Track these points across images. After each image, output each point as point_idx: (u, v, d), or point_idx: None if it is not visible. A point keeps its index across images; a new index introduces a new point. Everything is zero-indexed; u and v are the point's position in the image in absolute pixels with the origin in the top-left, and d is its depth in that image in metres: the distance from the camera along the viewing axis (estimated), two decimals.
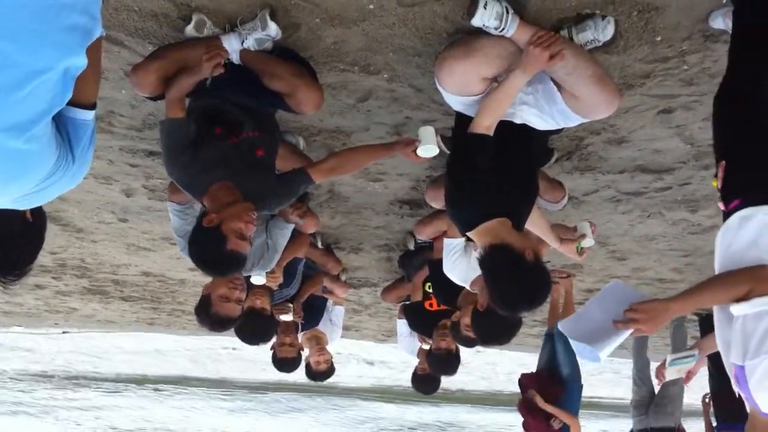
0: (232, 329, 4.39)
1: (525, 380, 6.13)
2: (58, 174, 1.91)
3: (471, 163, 2.92)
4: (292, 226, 4.26)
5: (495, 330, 3.96)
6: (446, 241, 3.95)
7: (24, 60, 1.62)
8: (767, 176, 2.40)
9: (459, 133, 3.22)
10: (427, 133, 3.31)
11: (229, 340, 12.75)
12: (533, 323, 8.73)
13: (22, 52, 1.61)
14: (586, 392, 6.19)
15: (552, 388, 5.89)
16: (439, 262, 4.21)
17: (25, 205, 2.00)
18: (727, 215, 2.46)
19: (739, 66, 2.69)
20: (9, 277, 2.08)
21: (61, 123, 1.89)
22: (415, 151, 3.31)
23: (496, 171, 2.92)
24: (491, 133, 2.91)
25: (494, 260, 2.78)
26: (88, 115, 1.96)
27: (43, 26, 1.62)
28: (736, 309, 2.33)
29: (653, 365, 7.32)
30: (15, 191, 1.87)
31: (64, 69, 1.70)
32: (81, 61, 1.76)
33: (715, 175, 2.55)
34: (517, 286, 2.78)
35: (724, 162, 2.52)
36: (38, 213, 2.15)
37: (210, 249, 3.04)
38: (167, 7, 3.10)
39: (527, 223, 3.26)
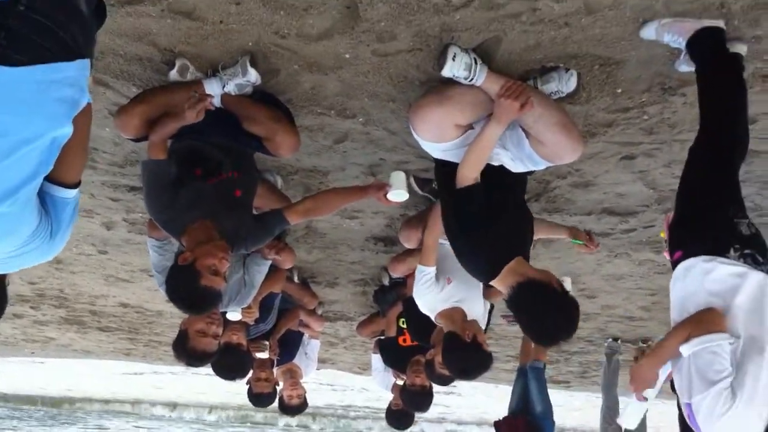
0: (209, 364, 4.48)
1: (502, 428, 6.14)
2: (36, 242, 2.00)
3: (468, 216, 3.07)
4: (269, 263, 4.33)
5: (467, 364, 3.94)
6: (418, 267, 3.97)
7: (16, 129, 1.76)
8: (705, 230, 2.63)
9: (445, 184, 3.32)
10: (398, 178, 3.45)
11: None
12: (507, 358, 8.84)
13: (14, 122, 1.76)
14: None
15: None
16: (412, 298, 4.30)
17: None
18: (673, 265, 2.65)
19: (704, 114, 2.88)
20: None
21: (45, 199, 2.01)
22: (386, 195, 3.44)
23: (494, 215, 3.06)
24: (478, 180, 3.07)
25: (525, 297, 2.86)
26: (70, 193, 2.06)
27: (36, 99, 1.76)
28: (682, 348, 2.50)
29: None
30: None
31: (52, 138, 1.84)
32: (68, 130, 1.89)
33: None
34: (554, 316, 2.85)
35: (668, 215, 2.72)
36: (2, 289, 2.24)
37: (184, 286, 3.12)
38: (151, 51, 3.23)
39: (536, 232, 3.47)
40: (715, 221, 2.66)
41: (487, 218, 3.05)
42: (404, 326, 5.24)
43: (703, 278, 2.57)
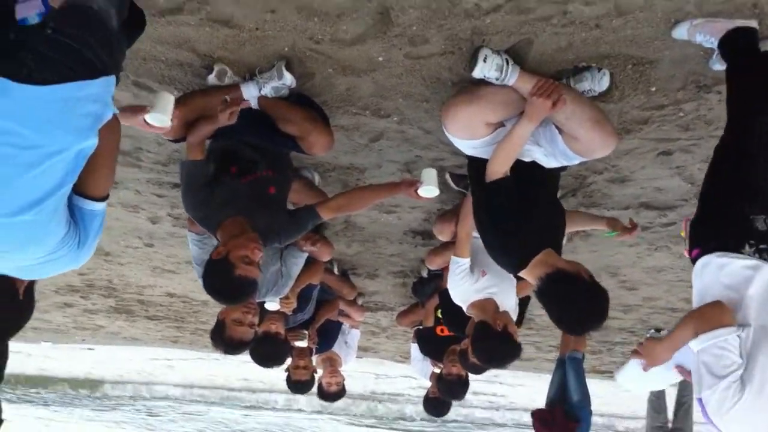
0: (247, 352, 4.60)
1: (539, 417, 6.14)
2: (64, 251, 2.12)
3: (497, 209, 3.14)
4: (305, 255, 4.42)
5: (496, 353, 3.96)
6: (453, 259, 4.03)
7: (43, 143, 1.89)
8: (720, 227, 2.69)
9: (476, 178, 3.37)
10: (429, 175, 3.49)
11: None
12: (549, 348, 8.85)
13: (42, 136, 1.88)
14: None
15: (567, 425, 5.95)
16: (447, 289, 4.36)
17: (27, 275, 2.22)
18: (693, 262, 2.69)
19: (730, 115, 2.89)
20: None
21: (74, 211, 2.13)
22: (416, 191, 3.49)
23: (523, 209, 3.12)
24: (507, 175, 3.12)
25: (554, 287, 2.92)
26: (98, 206, 2.19)
27: (61, 115, 1.88)
28: (692, 343, 2.56)
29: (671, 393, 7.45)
30: (24, 258, 2.09)
31: (77, 150, 1.96)
32: (93, 142, 2.01)
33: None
34: (583, 305, 2.91)
35: (687, 217, 2.76)
36: (29, 295, 2.35)
37: (220, 278, 3.23)
38: (191, 57, 3.33)
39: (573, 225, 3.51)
40: (731, 218, 2.68)
41: (516, 211, 3.11)
42: (441, 317, 5.30)
43: (718, 273, 2.60)
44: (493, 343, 3.81)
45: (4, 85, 1.83)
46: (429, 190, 3.48)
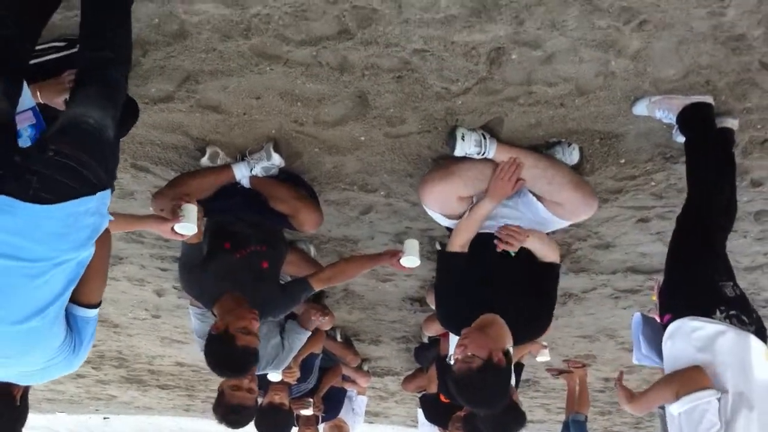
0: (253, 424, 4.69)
1: None
2: (61, 356, 2.28)
3: (447, 278, 3.28)
4: (308, 333, 4.56)
5: (507, 424, 3.99)
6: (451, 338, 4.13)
7: (48, 255, 2.08)
8: (691, 294, 2.81)
9: (442, 249, 3.55)
10: (411, 245, 3.64)
11: None
12: (558, 410, 8.83)
13: (46, 249, 2.07)
14: None
15: None
16: (445, 357, 4.45)
17: (26, 381, 2.38)
18: (663, 327, 2.80)
19: (690, 188, 3.05)
20: None
21: (69, 318, 2.30)
22: (399, 260, 3.64)
23: (475, 279, 3.24)
24: (465, 250, 3.27)
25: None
26: (91, 313, 2.36)
27: (64, 230, 2.08)
28: (672, 407, 2.64)
29: None
30: (27, 364, 2.25)
31: (78, 261, 2.16)
32: (91, 251, 2.20)
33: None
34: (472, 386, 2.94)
35: (657, 280, 2.88)
36: (24, 400, 2.49)
37: (222, 351, 3.34)
38: (185, 140, 3.54)
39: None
40: (700, 285, 2.82)
41: (458, 284, 3.26)
42: (440, 386, 5.36)
43: (689, 336, 2.71)
44: (502, 415, 3.79)
45: (12, 204, 2.01)
46: (411, 260, 3.63)
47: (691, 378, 2.66)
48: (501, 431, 4.03)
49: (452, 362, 3.03)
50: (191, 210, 3.18)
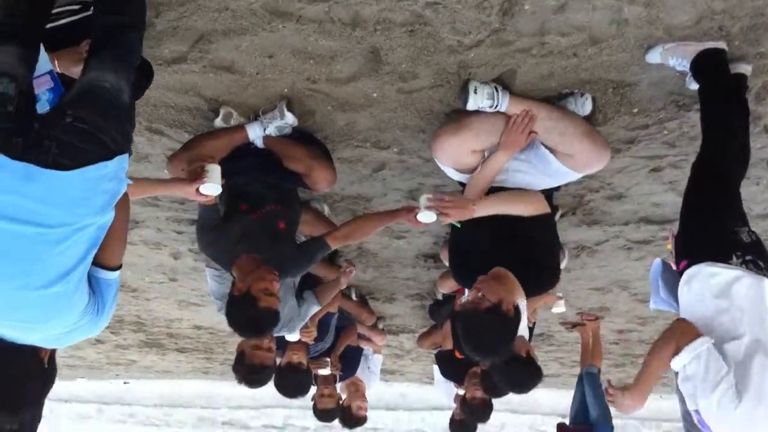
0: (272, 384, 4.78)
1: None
2: (86, 319, 2.35)
3: (460, 234, 3.32)
4: (320, 307, 4.63)
5: (525, 379, 4.04)
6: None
7: (69, 221, 2.13)
8: (706, 240, 2.82)
9: None
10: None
11: None
12: (572, 363, 8.91)
13: (67, 215, 2.12)
14: None
15: None
16: (457, 313, 4.48)
17: (52, 344, 2.42)
18: (680, 274, 2.82)
19: (704, 135, 3.06)
20: (4, 412, 2.34)
21: (92, 281, 2.36)
22: (415, 217, 3.66)
23: (487, 234, 3.30)
24: (478, 204, 3.30)
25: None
26: (113, 275, 2.42)
27: (83, 195, 2.12)
28: (674, 363, 2.69)
29: None
30: (52, 328, 2.30)
31: (98, 225, 2.20)
32: (111, 216, 2.25)
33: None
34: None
35: (672, 229, 2.90)
36: (52, 362, 2.54)
37: (245, 312, 3.39)
38: (198, 102, 3.56)
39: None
40: (716, 231, 2.83)
41: (467, 233, 3.33)
42: (454, 343, 5.39)
43: (707, 282, 2.74)
44: (518, 370, 3.89)
45: (32, 171, 2.06)
46: (427, 215, 3.65)
47: (685, 329, 2.72)
48: (518, 386, 4.09)
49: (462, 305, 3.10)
50: (215, 170, 3.24)
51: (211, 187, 3.24)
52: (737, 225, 2.88)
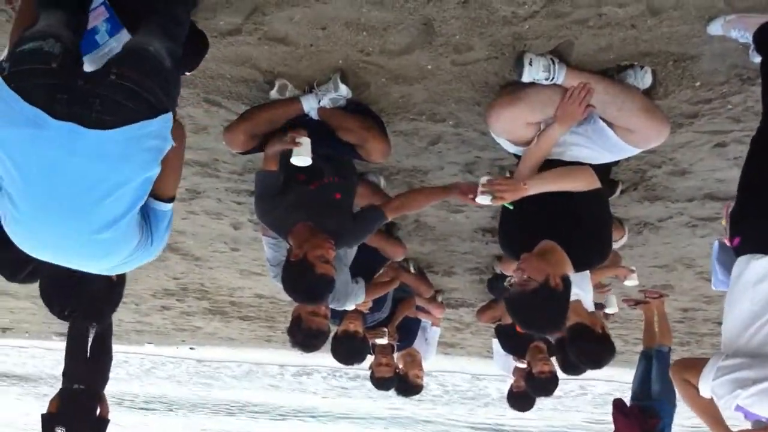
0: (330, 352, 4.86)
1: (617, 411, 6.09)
2: (139, 251, 2.48)
3: (510, 206, 3.28)
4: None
5: (601, 355, 3.86)
6: None
7: (114, 176, 2.21)
8: (761, 219, 2.71)
9: None
10: None
11: None
12: (636, 341, 8.78)
13: (112, 171, 2.19)
14: None
15: (646, 421, 5.92)
16: None
17: (111, 272, 2.59)
18: (734, 251, 2.75)
19: (765, 110, 2.94)
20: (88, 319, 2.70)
21: (146, 211, 2.46)
22: (474, 197, 3.62)
23: (536, 207, 3.25)
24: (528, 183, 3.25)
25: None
26: (167, 206, 2.55)
27: (128, 152, 2.18)
28: (704, 391, 2.75)
29: None
30: (104, 267, 2.46)
31: (143, 179, 2.27)
32: (156, 171, 2.31)
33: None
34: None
35: (727, 203, 2.81)
36: (122, 275, 2.71)
37: (302, 278, 3.46)
38: (254, 74, 3.59)
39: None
40: None
41: (520, 211, 3.31)
42: None
43: (750, 291, 2.68)
44: (594, 346, 3.78)
45: (77, 130, 2.12)
46: (483, 198, 3.59)
47: (693, 365, 2.78)
48: (593, 361, 4.00)
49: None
50: (306, 143, 3.41)
51: (302, 159, 3.40)
52: None
